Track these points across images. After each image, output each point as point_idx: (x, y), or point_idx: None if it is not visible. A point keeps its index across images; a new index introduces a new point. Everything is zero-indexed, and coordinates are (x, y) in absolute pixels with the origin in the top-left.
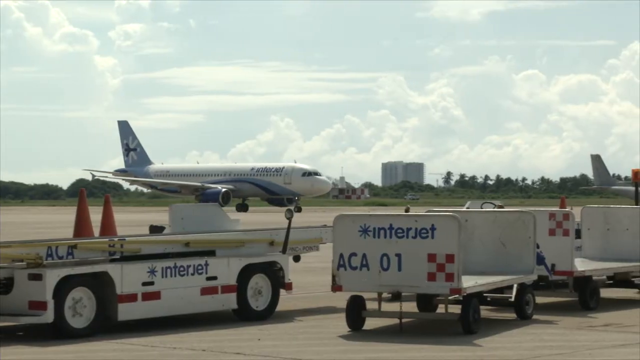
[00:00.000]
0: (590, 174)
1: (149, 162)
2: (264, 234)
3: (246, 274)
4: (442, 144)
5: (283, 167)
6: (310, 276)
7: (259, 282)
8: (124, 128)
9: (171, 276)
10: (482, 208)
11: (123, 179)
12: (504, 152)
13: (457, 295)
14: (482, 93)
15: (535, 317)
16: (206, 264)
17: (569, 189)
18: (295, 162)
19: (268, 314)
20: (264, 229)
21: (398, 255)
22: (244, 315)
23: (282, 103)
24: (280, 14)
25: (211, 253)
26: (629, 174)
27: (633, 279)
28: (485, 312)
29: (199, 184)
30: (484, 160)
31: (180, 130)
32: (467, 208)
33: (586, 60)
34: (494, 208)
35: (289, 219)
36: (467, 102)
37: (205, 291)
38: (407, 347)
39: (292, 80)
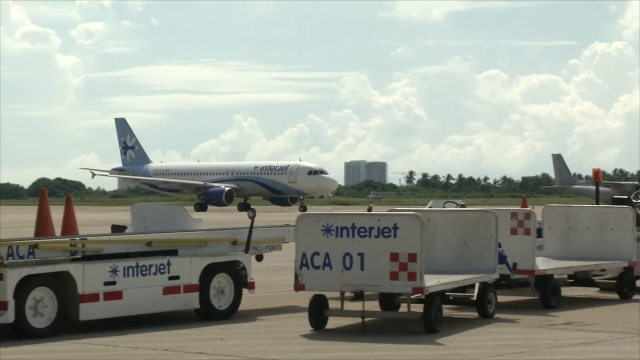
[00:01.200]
0: (551, 173)
1: (148, 161)
2: (226, 233)
3: (209, 273)
4: (404, 144)
5: (288, 166)
6: (273, 275)
7: (222, 282)
8: (121, 125)
9: (133, 276)
10: (444, 207)
11: (125, 178)
12: (466, 152)
13: (419, 294)
14: (444, 93)
15: (497, 315)
16: (168, 264)
17: (530, 188)
18: (300, 161)
19: (230, 314)
20: (226, 228)
21: (361, 255)
22: (206, 314)
23: (246, 102)
24: (243, 13)
25: (173, 252)
26: (590, 173)
27: (593, 278)
28: (447, 311)
29: (201, 182)
30: (447, 159)
31: (143, 130)
32: (429, 207)
33: (547, 60)
34: (456, 207)
35: (251, 218)
36: (429, 102)
37: (167, 291)
38: (369, 346)
39: (255, 80)
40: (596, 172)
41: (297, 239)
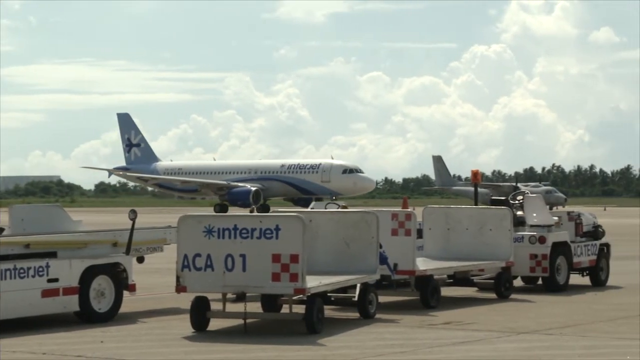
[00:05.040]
0: (432, 174)
1: (155, 159)
2: (107, 235)
3: (89, 275)
4: (288, 144)
5: (320, 164)
6: (154, 277)
7: (102, 284)
8: (125, 121)
9: (11, 278)
10: (326, 208)
11: (138, 177)
12: (350, 153)
13: (301, 295)
14: (327, 94)
15: (378, 316)
16: (47, 266)
17: (411, 189)
18: (332, 158)
19: (111, 316)
20: (107, 229)
21: (243, 256)
22: (86, 317)
23: (128, 102)
24: (124, 12)
25: (52, 254)
26: (470, 175)
27: (472, 278)
28: (329, 311)
29: (224, 182)
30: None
31: (22, 130)
32: (311, 208)
33: (429, 62)
34: (337, 208)
35: (133, 219)
36: (313, 103)
37: (46, 293)
38: (251, 348)
39: (137, 80)
40: (475, 174)
41: (178, 241)
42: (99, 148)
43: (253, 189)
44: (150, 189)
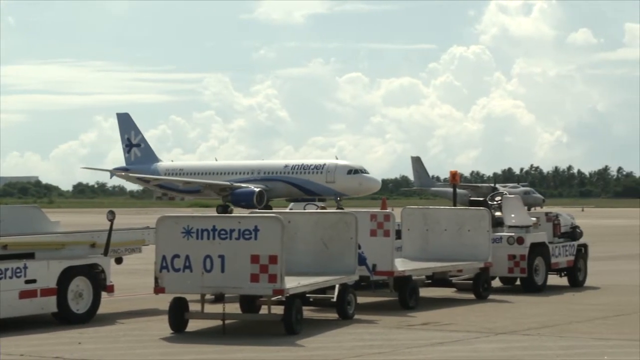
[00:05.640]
0: (411, 175)
1: (156, 159)
2: (84, 236)
3: (67, 276)
4: (267, 145)
5: (324, 164)
6: (132, 278)
7: (80, 285)
8: (125, 121)
9: None
10: (305, 209)
11: (139, 178)
12: (329, 154)
13: (280, 296)
14: (306, 95)
15: (356, 316)
16: (25, 267)
17: (390, 190)
18: (337, 159)
19: (89, 317)
20: (84, 230)
21: (221, 257)
22: (64, 318)
23: (107, 103)
24: (103, 12)
25: (30, 256)
26: (449, 175)
27: (451, 278)
28: (307, 312)
29: (227, 183)
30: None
31: (0, 130)
32: (290, 209)
33: (407, 63)
34: (316, 209)
35: (111, 220)
36: (292, 104)
37: (23, 295)
38: (229, 349)
39: (116, 80)
40: (453, 175)
41: (157, 242)
42: (78, 149)
43: (257, 189)
44: (152, 189)
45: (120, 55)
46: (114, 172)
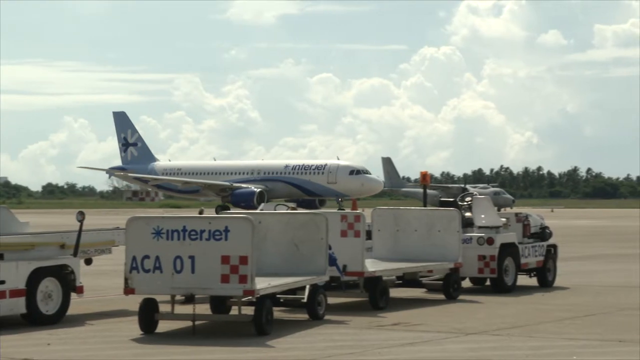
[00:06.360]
0: (381, 176)
1: (153, 159)
2: (54, 236)
3: (36, 277)
4: (238, 146)
5: (325, 165)
6: (102, 279)
7: (49, 286)
8: (121, 120)
9: None
10: (275, 210)
11: (136, 178)
12: (301, 154)
13: (250, 297)
14: (278, 95)
15: (327, 317)
16: None
17: None
18: (339, 159)
19: (58, 318)
20: (54, 231)
21: (191, 258)
22: (33, 319)
23: (76, 103)
24: (72, 12)
25: None
26: (419, 176)
27: (421, 279)
28: (278, 313)
29: (227, 183)
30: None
31: None
32: (260, 209)
33: (378, 64)
34: (287, 210)
35: (80, 221)
36: (263, 104)
37: None
38: (200, 350)
39: (86, 81)
40: (424, 175)
41: (127, 242)
42: (47, 149)
43: (257, 190)
44: (149, 189)
45: (91, 56)
46: (111, 172)
